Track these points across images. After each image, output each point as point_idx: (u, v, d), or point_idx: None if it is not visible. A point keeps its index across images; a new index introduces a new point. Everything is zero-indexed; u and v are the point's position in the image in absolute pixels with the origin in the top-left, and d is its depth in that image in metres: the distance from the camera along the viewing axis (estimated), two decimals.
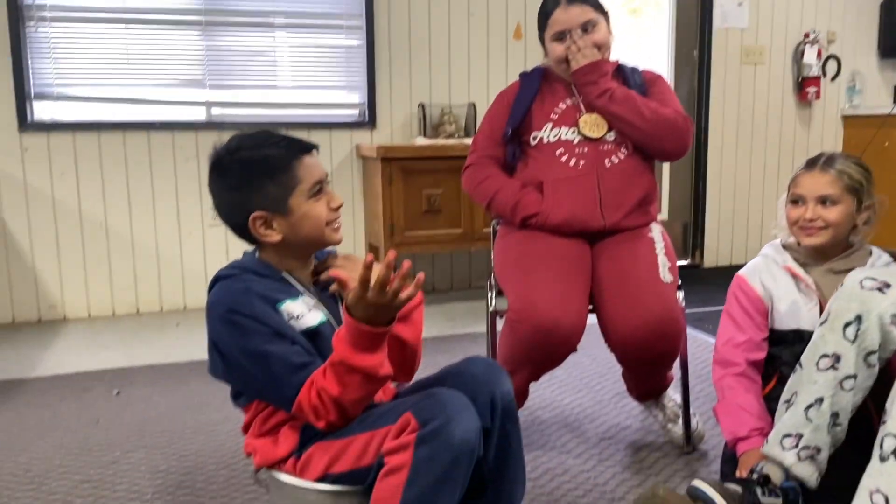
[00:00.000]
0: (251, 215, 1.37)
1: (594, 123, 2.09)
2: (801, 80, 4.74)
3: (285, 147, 1.39)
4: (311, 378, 1.29)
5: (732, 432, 1.67)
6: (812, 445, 1.44)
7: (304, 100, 3.96)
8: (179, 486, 1.95)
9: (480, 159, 2.19)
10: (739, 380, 1.73)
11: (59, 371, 2.88)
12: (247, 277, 1.38)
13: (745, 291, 1.79)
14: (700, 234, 4.80)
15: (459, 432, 1.21)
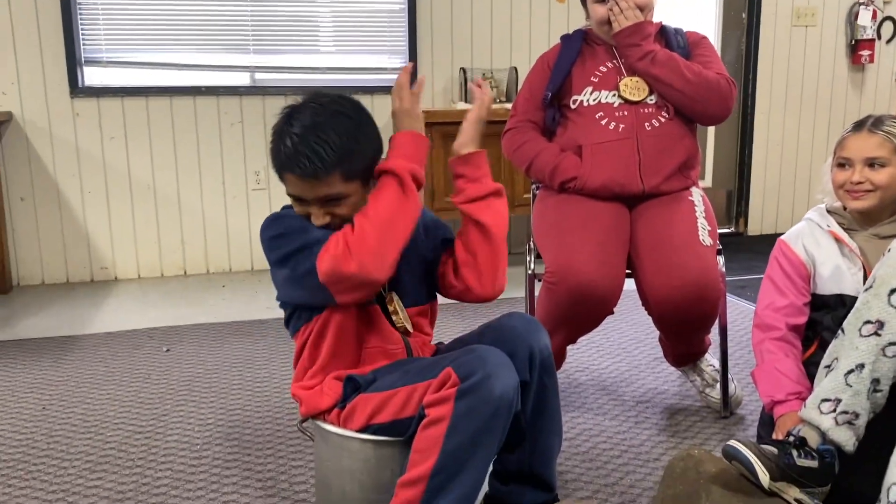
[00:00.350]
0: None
1: (635, 87, 2.07)
2: (854, 42, 4.59)
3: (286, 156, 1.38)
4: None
5: (770, 395, 1.67)
6: (850, 411, 1.44)
7: (347, 64, 3.98)
8: (227, 438, 2.03)
9: (520, 123, 2.20)
10: (779, 344, 1.72)
11: (111, 329, 3.00)
12: (294, 215, 1.46)
13: (787, 256, 1.78)
14: (744, 201, 4.72)
15: (499, 387, 1.24)
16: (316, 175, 1.33)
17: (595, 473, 1.83)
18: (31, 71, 3.55)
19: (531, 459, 1.43)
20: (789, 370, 1.69)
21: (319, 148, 1.32)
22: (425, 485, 1.23)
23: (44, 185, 3.64)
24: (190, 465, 1.89)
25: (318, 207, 1.38)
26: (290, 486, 1.79)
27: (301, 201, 1.39)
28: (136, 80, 3.73)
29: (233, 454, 1.95)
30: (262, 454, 1.94)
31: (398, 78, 1.45)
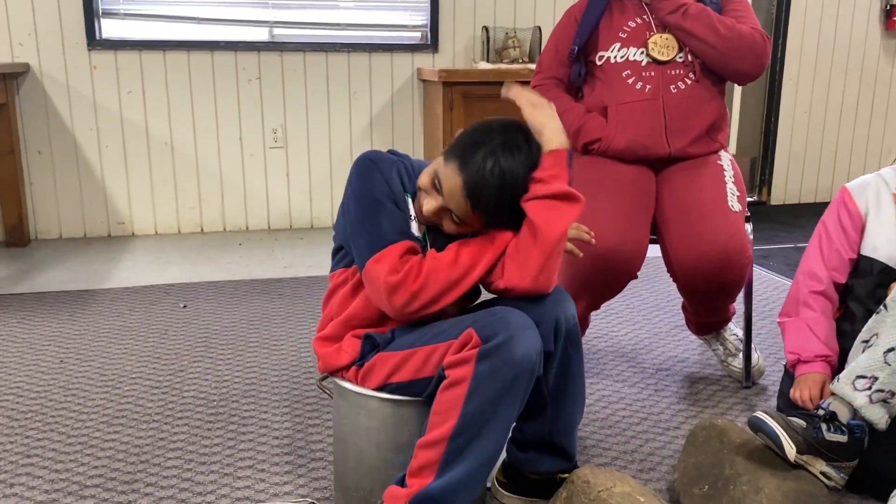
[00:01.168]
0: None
1: (664, 45, 2.01)
2: (888, 7, 4.45)
3: (476, 167, 1.31)
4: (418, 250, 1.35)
5: (796, 352, 1.63)
6: (886, 389, 1.40)
7: (366, 21, 3.91)
8: (244, 395, 2.03)
9: (545, 81, 2.15)
10: (818, 299, 1.67)
11: (128, 284, 2.99)
12: (402, 160, 1.43)
13: (847, 206, 1.70)
14: (769, 170, 4.64)
15: (521, 349, 1.21)
16: (481, 213, 1.31)
17: (614, 440, 1.81)
18: (49, 22, 3.50)
19: (552, 429, 1.41)
20: (822, 330, 1.64)
21: (498, 199, 1.29)
22: (445, 446, 1.21)
23: (61, 139, 3.62)
24: (207, 420, 1.89)
25: (447, 216, 1.35)
26: (307, 444, 1.78)
27: (433, 194, 1.34)
28: (153, 33, 3.67)
29: (249, 411, 1.94)
30: (278, 412, 1.94)
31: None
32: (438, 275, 1.30)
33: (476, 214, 1.31)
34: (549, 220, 1.30)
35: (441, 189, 1.31)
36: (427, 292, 1.30)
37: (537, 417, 1.39)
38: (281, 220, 3.96)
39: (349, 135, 3.94)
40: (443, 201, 1.32)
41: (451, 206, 1.32)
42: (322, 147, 3.92)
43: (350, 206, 1.38)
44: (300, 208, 3.97)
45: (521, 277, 1.32)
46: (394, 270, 1.30)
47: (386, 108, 3.95)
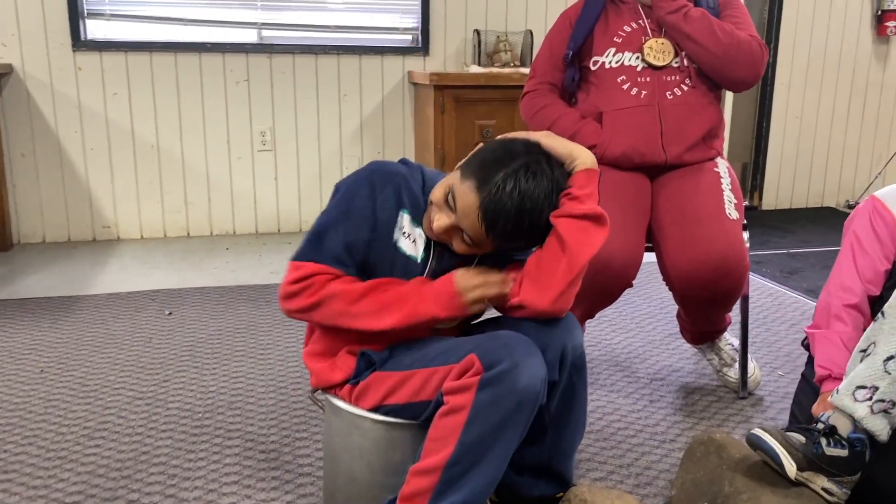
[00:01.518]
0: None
1: (660, 50, 1.98)
2: (880, 13, 4.45)
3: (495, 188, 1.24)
4: (341, 275, 1.32)
5: (827, 368, 1.57)
6: (888, 399, 1.37)
7: (356, 23, 3.86)
8: (229, 407, 1.98)
9: (539, 86, 2.12)
10: (851, 312, 1.60)
11: (112, 290, 2.93)
12: (412, 178, 1.38)
13: (881, 214, 1.62)
14: (760, 174, 4.62)
15: (525, 378, 1.16)
16: (493, 237, 1.25)
17: (610, 454, 1.77)
18: (33, 22, 3.44)
19: (551, 455, 1.37)
20: (853, 347, 1.59)
21: (515, 225, 1.23)
22: (439, 476, 1.16)
23: (45, 141, 3.55)
24: (191, 433, 1.84)
25: (458, 236, 1.29)
26: (294, 458, 1.73)
27: (445, 210, 1.27)
28: (139, 34, 3.61)
29: (235, 424, 1.89)
30: (265, 424, 1.89)
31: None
32: (333, 304, 1.29)
33: (490, 238, 1.25)
34: (582, 242, 1.24)
35: (455, 207, 1.25)
36: (315, 314, 1.31)
37: (536, 443, 1.34)
38: (269, 224, 3.90)
39: (339, 138, 3.89)
40: (455, 219, 1.26)
41: (463, 226, 1.25)
42: (311, 150, 3.87)
43: (328, 205, 1.37)
44: (289, 212, 3.92)
45: (540, 297, 1.26)
46: (295, 280, 1.31)
47: (376, 111, 3.90)
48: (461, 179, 1.25)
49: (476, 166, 1.25)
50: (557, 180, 1.26)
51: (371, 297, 1.28)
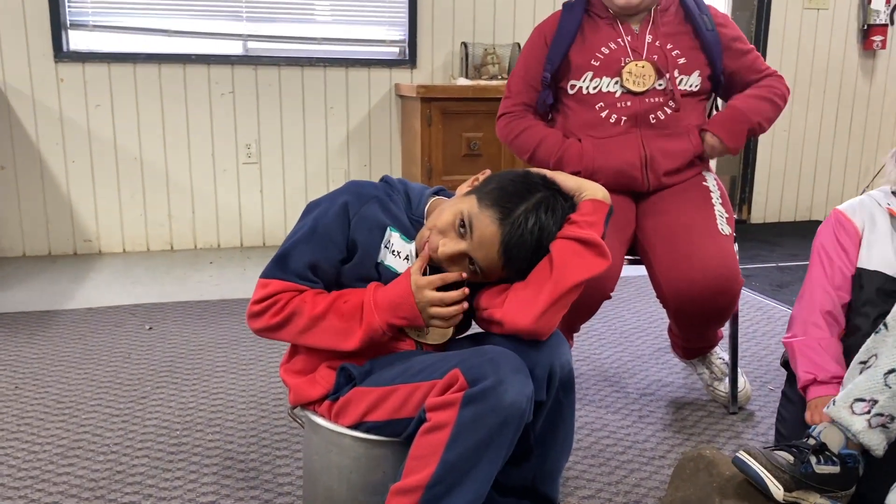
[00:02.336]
0: (489, 170, 1.36)
1: (639, 74, 1.90)
2: (866, 27, 4.47)
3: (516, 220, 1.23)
4: (306, 290, 1.30)
5: (812, 373, 1.56)
6: (886, 413, 1.33)
7: (343, 35, 3.83)
8: (209, 424, 1.92)
9: (516, 107, 2.03)
10: (826, 318, 1.61)
11: (92, 304, 2.87)
12: (396, 198, 1.36)
13: (843, 224, 1.66)
14: (749, 188, 4.62)
15: (510, 395, 1.12)
16: (509, 267, 1.25)
17: (598, 471, 1.73)
18: (13, 33, 3.39)
19: (535, 475, 1.32)
20: (834, 350, 1.58)
21: (531, 258, 1.25)
22: (420, 495, 1.12)
23: (26, 154, 3.50)
24: (168, 452, 1.78)
25: (465, 256, 1.25)
26: (274, 477, 1.68)
27: (452, 236, 1.25)
28: (123, 45, 3.57)
29: (213, 441, 1.84)
30: (244, 442, 1.83)
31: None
32: (297, 321, 1.27)
33: (504, 270, 1.25)
34: (570, 264, 1.23)
35: (471, 234, 1.23)
36: (283, 332, 1.29)
37: (521, 464, 1.29)
38: (254, 238, 3.86)
39: (325, 150, 3.85)
40: (466, 247, 1.23)
41: (476, 256, 1.24)
42: (297, 163, 3.83)
43: (300, 221, 1.35)
44: (274, 225, 3.87)
45: (523, 314, 1.23)
46: (260, 299, 1.28)
47: (363, 123, 3.87)
48: (480, 208, 1.23)
49: (497, 196, 1.23)
50: (567, 212, 1.28)
51: (333, 310, 1.26)
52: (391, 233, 1.31)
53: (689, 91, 1.93)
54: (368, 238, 1.30)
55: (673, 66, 1.91)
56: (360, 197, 1.31)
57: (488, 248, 1.22)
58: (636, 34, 1.93)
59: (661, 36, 1.92)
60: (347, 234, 1.29)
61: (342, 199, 1.30)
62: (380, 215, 1.31)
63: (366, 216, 1.30)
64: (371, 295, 1.26)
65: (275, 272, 1.29)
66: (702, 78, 1.94)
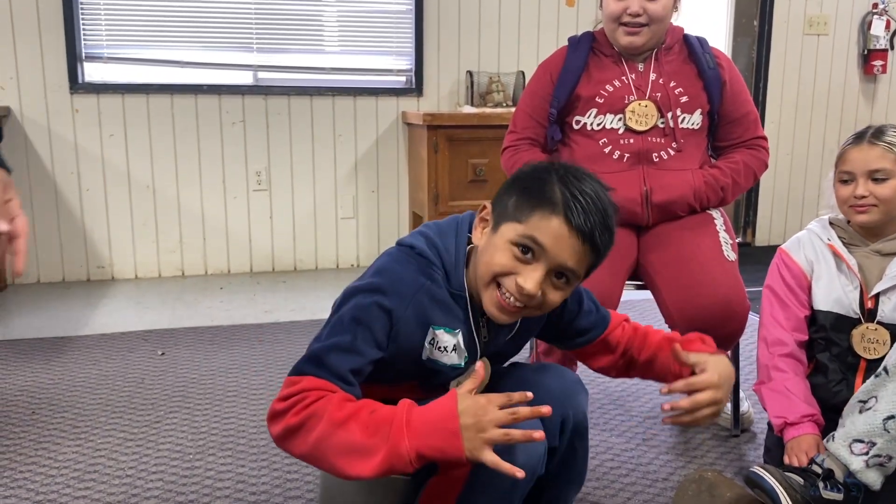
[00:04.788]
0: (487, 202, 1.21)
1: (642, 114, 1.94)
2: (866, 52, 4.53)
3: (565, 198, 1.12)
4: (338, 391, 1.11)
5: (782, 416, 1.61)
6: (884, 454, 1.37)
7: (351, 65, 3.92)
8: (220, 448, 1.96)
9: (520, 141, 2.07)
10: (787, 361, 1.66)
11: (105, 330, 2.93)
12: (436, 276, 1.20)
13: (788, 266, 1.72)
14: (753, 211, 4.66)
15: (522, 458, 1.09)
16: (592, 240, 1.11)
17: (602, 493, 1.76)
18: (31, 65, 3.49)
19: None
20: (799, 390, 1.63)
21: (608, 223, 1.14)
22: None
23: (41, 182, 3.58)
24: (182, 475, 1.82)
25: (547, 272, 1.12)
26: (285, 500, 1.72)
27: (530, 255, 1.12)
28: (137, 76, 3.67)
29: (226, 465, 1.88)
30: (256, 465, 1.87)
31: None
32: (315, 426, 1.06)
33: (592, 253, 1.13)
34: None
35: (542, 248, 1.10)
36: (297, 441, 1.08)
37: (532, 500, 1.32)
38: (263, 264, 3.92)
39: (334, 178, 3.92)
40: (545, 263, 1.11)
41: (560, 260, 1.11)
42: (306, 190, 3.90)
43: (340, 307, 1.18)
44: (283, 251, 3.93)
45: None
46: (284, 398, 1.10)
47: (371, 151, 3.95)
48: (520, 220, 1.11)
49: (526, 199, 1.12)
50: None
51: (357, 419, 1.05)
52: (435, 332, 1.19)
53: (690, 129, 1.98)
54: (410, 339, 1.18)
55: (675, 104, 1.95)
56: (403, 299, 1.16)
57: (564, 243, 1.10)
58: (640, 72, 1.97)
59: (665, 74, 1.97)
60: (388, 338, 1.16)
61: (384, 303, 1.15)
62: (424, 313, 1.18)
63: (409, 320, 1.16)
64: (404, 412, 1.04)
65: (308, 368, 1.12)
66: (703, 115, 1.99)
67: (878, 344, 1.57)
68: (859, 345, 1.59)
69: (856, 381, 1.60)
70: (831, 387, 1.62)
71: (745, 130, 2.04)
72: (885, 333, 1.57)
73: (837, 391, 1.61)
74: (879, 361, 1.56)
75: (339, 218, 3.95)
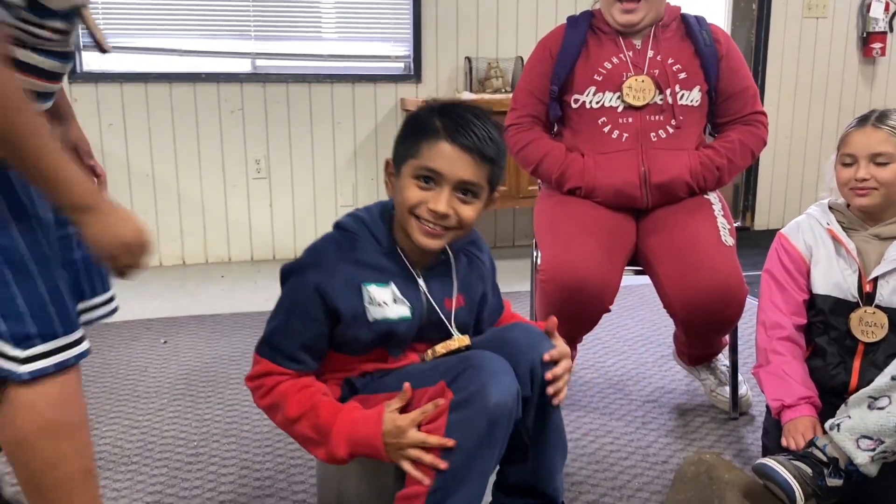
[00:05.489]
0: (387, 158, 1.35)
1: (639, 89, 1.94)
2: (865, 35, 4.52)
3: (444, 124, 1.24)
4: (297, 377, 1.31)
5: (779, 399, 1.62)
6: (891, 451, 1.39)
7: (350, 52, 3.91)
8: (224, 434, 1.98)
9: (522, 119, 2.08)
10: (785, 344, 1.67)
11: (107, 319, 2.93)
12: (358, 239, 1.32)
13: (787, 250, 1.72)
14: (752, 195, 4.67)
15: (494, 397, 1.17)
16: (482, 153, 1.23)
17: (602, 476, 1.78)
18: None
19: (535, 474, 1.37)
20: (797, 373, 1.64)
21: (493, 133, 1.25)
22: (423, 501, 1.18)
23: None
24: (186, 462, 1.85)
25: (451, 191, 1.24)
26: (289, 485, 1.74)
27: (432, 182, 1.24)
28: (135, 65, 3.66)
29: (230, 451, 1.90)
30: (260, 451, 1.90)
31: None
32: (277, 414, 1.31)
33: (483, 162, 1.24)
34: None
35: (438, 173, 1.23)
36: (271, 416, 1.33)
37: (519, 462, 1.35)
38: (264, 251, 3.93)
39: (333, 165, 3.93)
40: (448, 184, 1.24)
41: (458, 177, 1.23)
42: (306, 177, 3.91)
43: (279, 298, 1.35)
44: (284, 239, 3.94)
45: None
46: (252, 377, 1.33)
47: (370, 137, 3.95)
48: (414, 155, 1.25)
49: (412, 138, 1.26)
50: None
51: (307, 418, 1.27)
52: (366, 288, 1.29)
53: (689, 105, 1.98)
54: (350, 304, 1.28)
55: (674, 80, 1.96)
56: (327, 269, 1.28)
57: (456, 161, 1.23)
58: (638, 50, 1.98)
59: (663, 51, 1.98)
60: (325, 308, 1.28)
61: (311, 279, 1.28)
62: (353, 277, 1.29)
63: (340, 287, 1.27)
64: (344, 421, 1.24)
65: (265, 350, 1.32)
66: (702, 93, 1.99)
67: (876, 327, 1.59)
68: (857, 328, 1.61)
69: (854, 364, 1.62)
70: (830, 370, 1.64)
71: (744, 105, 2.04)
72: (882, 317, 1.58)
73: (835, 374, 1.63)
74: (877, 345, 1.58)
75: (339, 206, 3.96)
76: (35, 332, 1.11)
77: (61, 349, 1.14)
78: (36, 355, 1.11)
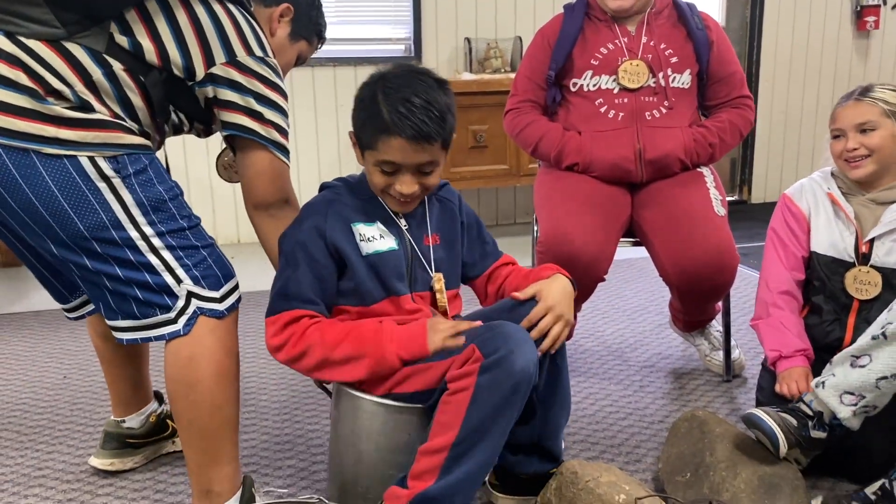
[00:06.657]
0: (350, 130, 1.47)
1: (633, 72, 2.04)
2: (859, 8, 4.58)
3: (392, 117, 1.35)
4: (313, 318, 1.41)
5: (776, 349, 1.73)
6: (871, 405, 1.49)
7: (350, 35, 3.99)
8: (244, 404, 2.09)
9: (521, 104, 2.18)
10: (785, 298, 1.78)
11: None
12: (341, 193, 1.49)
13: (790, 209, 1.83)
14: (748, 168, 4.75)
15: (520, 363, 1.27)
16: (429, 139, 1.35)
17: (601, 435, 1.89)
18: None
19: (540, 433, 1.48)
20: (795, 326, 1.74)
21: (434, 113, 1.35)
22: (447, 454, 1.28)
23: None
24: None
25: (413, 175, 1.39)
26: (308, 448, 1.85)
27: (393, 170, 1.39)
28: None
29: (250, 419, 2.01)
30: (279, 419, 2.01)
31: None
32: (315, 353, 1.38)
33: (434, 140, 1.36)
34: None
35: (397, 164, 1.37)
36: (302, 363, 1.40)
37: (527, 422, 1.45)
38: None
39: (337, 147, 4.01)
40: (407, 170, 1.38)
41: (415, 162, 1.37)
42: (311, 160, 4.00)
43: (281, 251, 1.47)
44: None
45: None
46: (276, 334, 1.41)
47: None
48: (372, 147, 1.37)
49: (368, 128, 1.38)
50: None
51: (347, 342, 1.37)
52: (355, 227, 1.44)
53: (680, 88, 2.08)
54: (346, 244, 1.42)
55: (666, 65, 2.05)
56: (319, 213, 1.44)
57: (410, 152, 1.35)
58: (632, 35, 2.07)
59: (656, 37, 2.07)
60: (327, 249, 1.42)
61: (309, 223, 1.43)
62: (345, 219, 1.44)
63: (335, 228, 1.42)
64: (390, 324, 1.39)
65: (281, 305, 1.42)
66: (692, 76, 2.08)
67: (870, 286, 1.69)
68: (852, 286, 1.71)
69: (848, 321, 1.72)
70: (825, 326, 1.74)
71: (732, 89, 2.14)
72: (876, 276, 1.69)
73: (831, 330, 1.73)
74: (871, 303, 1.68)
75: None
76: (226, 273, 1.44)
77: (235, 289, 1.47)
78: (227, 292, 1.43)
